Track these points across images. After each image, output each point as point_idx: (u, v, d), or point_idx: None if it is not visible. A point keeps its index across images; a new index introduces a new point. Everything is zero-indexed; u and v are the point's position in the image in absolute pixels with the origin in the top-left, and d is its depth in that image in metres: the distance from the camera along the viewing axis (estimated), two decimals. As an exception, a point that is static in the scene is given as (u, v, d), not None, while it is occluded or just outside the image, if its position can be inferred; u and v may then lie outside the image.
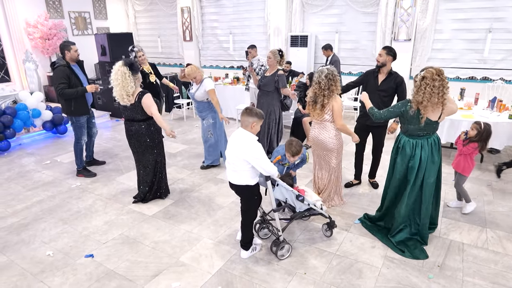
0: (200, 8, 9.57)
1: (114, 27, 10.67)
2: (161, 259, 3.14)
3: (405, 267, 2.98)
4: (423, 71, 2.91)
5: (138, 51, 5.51)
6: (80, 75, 4.58)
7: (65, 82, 4.35)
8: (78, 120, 4.63)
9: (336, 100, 3.52)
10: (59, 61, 4.46)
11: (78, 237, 3.49)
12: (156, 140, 3.93)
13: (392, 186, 3.33)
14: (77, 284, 2.86)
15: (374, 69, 4.03)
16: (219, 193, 4.34)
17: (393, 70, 3.91)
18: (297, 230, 3.52)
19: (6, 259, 3.18)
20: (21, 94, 6.55)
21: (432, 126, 3.02)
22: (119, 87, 3.57)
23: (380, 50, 3.89)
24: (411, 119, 3.01)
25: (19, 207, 4.09)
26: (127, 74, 3.55)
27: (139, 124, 3.79)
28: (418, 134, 3.07)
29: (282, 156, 3.48)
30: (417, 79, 2.91)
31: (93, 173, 4.90)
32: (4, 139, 5.84)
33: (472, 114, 4.96)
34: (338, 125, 3.57)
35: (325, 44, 7.03)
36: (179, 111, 8.48)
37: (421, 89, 2.85)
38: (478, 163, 5.08)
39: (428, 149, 3.09)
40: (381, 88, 3.92)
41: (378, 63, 3.89)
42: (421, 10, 6.70)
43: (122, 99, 3.63)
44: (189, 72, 4.59)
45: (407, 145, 3.12)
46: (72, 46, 4.48)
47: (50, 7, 9.03)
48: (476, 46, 6.54)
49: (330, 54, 6.94)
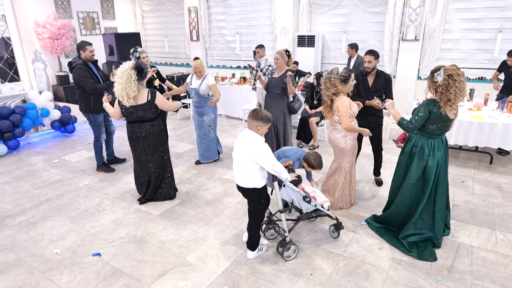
0: (207, 8, 9.59)
1: (121, 27, 10.74)
2: (167, 258, 3.15)
3: (412, 269, 2.95)
4: (438, 70, 2.88)
5: (142, 52, 5.55)
6: (97, 74, 4.69)
7: (89, 77, 4.48)
8: (96, 119, 4.75)
9: (341, 101, 3.45)
10: (76, 60, 4.56)
11: (86, 236, 3.51)
12: (164, 138, 4.07)
13: (405, 191, 3.25)
14: (85, 282, 2.88)
15: (360, 71, 4.16)
16: (226, 193, 4.34)
17: (379, 70, 4.04)
18: (303, 231, 3.50)
19: (15, 256, 3.21)
20: (30, 94, 6.63)
21: (449, 124, 3.03)
22: (121, 86, 3.59)
23: (367, 56, 3.95)
24: (436, 119, 2.97)
25: (27, 206, 4.14)
26: (133, 78, 3.55)
27: (152, 123, 3.84)
28: (438, 133, 3.05)
29: (294, 162, 3.41)
30: (438, 79, 2.87)
31: (112, 169, 5.03)
32: (14, 138, 5.91)
33: (482, 115, 4.90)
34: (344, 126, 3.48)
35: (353, 43, 6.67)
36: (186, 110, 8.51)
37: (450, 86, 2.82)
38: (487, 164, 5.02)
39: (443, 148, 3.08)
40: (373, 89, 4.02)
41: (368, 69, 3.99)
42: (430, 10, 6.63)
43: (122, 98, 3.65)
44: (197, 65, 4.78)
45: (425, 145, 3.08)
46: (88, 47, 4.55)
47: (59, 7, 9.12)
48: (486, 46, 6.45)
49: (355, 55, 6.62)
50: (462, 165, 5.04)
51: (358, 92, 4.06)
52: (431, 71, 2.96)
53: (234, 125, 7.31)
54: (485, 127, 4.67)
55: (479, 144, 4.82)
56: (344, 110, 3.44)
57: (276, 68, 4.95)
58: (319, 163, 3.36)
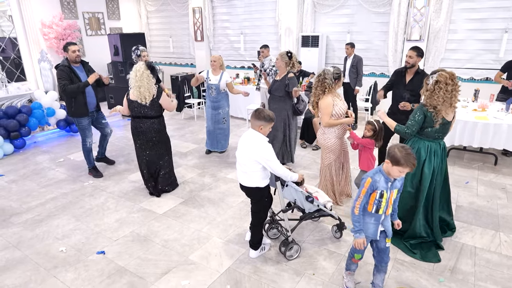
0: (211, 9, 9.62)
1: (126, 27, 10.81)
2: (171, 257, 3.18)
3: (415, 270, 2.95)
4: (434, 73, 2.89)
5: (143, 50, 5.59)
6: (82, 76, 4.50)
7: (66, 79, 4.32)
8: (80, 122, 4.61)
9: (323, 100, 3.60)
10: (62, 62, 4.46)
11: (90, 234, 3.55)
12: (165, 136, 4.18)
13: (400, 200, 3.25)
14: (89, 280, 2.91)
15: (402, 68, 4.11)
16: (229, 192, 4.36)
17: (420, 68, 3.97)
18: (306, 231, 3.51)
19: (21, 253, 3.26)
20: (36, 93, 6.69)
21: (447, 127, 3.02)
22: (143, 88, 3.80)
23: (410, 51, 3.92)
24: (430, 122, 2.97)
25: (33, 204, 4.19)
26: (150, 77, 3.81)
27: (152, 121, 3.99)
28: (435, 137, 3.04)
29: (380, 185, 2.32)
30: (429, 83, 2.89)
31: (100, 174, 4.90)
32: (20, 137, 5.98)
33: (487, 116, 4.87)
34: (323, 123, 3.66)
35: (352, 42, 6.66)
36: (190, 110, 8.54)
37: (435, 93, 2.84)
38: (492, 166, 4.99)
39: (440, 154, 3.07)
40: (409, 87, 3.97)
41: (408, 64, 3.94)
42: (434, 10, 6.61)
43: (144, 99, 3.84)
44: (217, 59, 5.25)
45: (422, 148, 3.07)
46: (70, 47, 4.41)
47: (65, 7, 9.19)
48: (491, 47, 6.42)
49: (352, 54, 6.57)
50: (467, 166, 5.01)
51: (392, 86, 4.09)
52: (430, 73, 2.97)
53: (238, 125, 7.33)
54: (490, 128, 4.65)
55: (484, 145, 4.79)
56: (324, 108, 3.59)
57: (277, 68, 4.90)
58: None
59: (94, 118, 4.81)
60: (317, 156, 5.29)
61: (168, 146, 4.27)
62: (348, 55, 6.64)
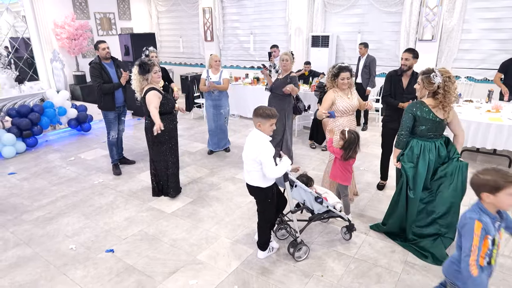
0: (221, 9, 9.63)
1: (137, 27, 10.89)
2: (179, 256, 3.18)
3: (426, 273, 2.90)
4: (431, 73, 2.84)
5: (152, 51, 5.62)
6: (111, 72, 4.76)
7: (98, 76, 4.61)
8: (106, 116, 4.86)
9: (326, 93, 3.78)
10: (94, 59, 4.72)
11: (100, 232, 3.57)
12: (166, 137, 4.00)
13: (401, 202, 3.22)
14: (98, 277, 2.93)
15: (395, 71, 4.00)
16: (238, 192, 4.35)
17: (414, 71, 3.87)
18: (315, 232, 3.48)
19: (31, 251, 3.30)
20: (48, 93, 6.79)
21: (440, 126, 2.99)
22: (133, 81, 3.94)
23: (405, 54, 3.83)
24: (424, 120, 2.96)
25: (44, 202, 4.24)
26: (134, 72, 3.88)
27: (149, 118, 3.93)
28: (429, 136, 3.01)
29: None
30: (435, 82, 2.83)
31: (118, 171, 5.00)
32: (32, 136, 6.07)
33: (500, 117, 4.77)
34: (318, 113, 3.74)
35: (365, 42, 6.59)
36: (199, 110, 8.56)
37: (450, 89, 2.83)
38: (506, 168, 4.88)
39: (435, 152, 3.02)
40: (408, 91, 3.88)
41: (404, 67, 3.84)
42: (447, 9, 6.50)
43: (137, 91, 3.97)
44: (218, 59, 5.47)
45: (415, 146, 3.06)
46: (100, 45, 4.67)
47: (77, 8, 9.31)
48: (506, 47, 6.28)
49: (365, 54, 6.48)
50: (480, 168, 4.90)
51: (391, 92, 3.99)
52: (424, 73, 2.92)
53: (247, 125, 7.32)
54: (504, 129, 4.54)
55: (497, 147, 4.69)
56: (323, 100, 3.77)
57: (282, 69, 4.90)
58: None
59: (120, 112, 5.00)
60: (326, 157, 5.25)
61: (167, 147, 4.06)
62: (361, 55, 6.56)
